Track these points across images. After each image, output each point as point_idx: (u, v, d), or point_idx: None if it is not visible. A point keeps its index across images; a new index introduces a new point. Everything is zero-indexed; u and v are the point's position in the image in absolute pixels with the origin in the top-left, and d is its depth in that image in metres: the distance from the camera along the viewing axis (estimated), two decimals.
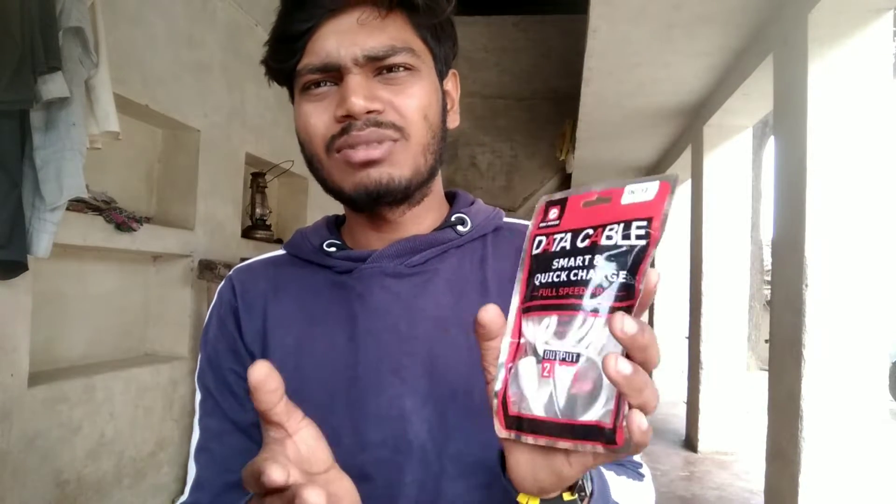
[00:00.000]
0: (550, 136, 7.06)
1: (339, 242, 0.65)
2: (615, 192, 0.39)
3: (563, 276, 0.38)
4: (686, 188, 5.42)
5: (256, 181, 3.69)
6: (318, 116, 0.57)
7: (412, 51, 0.57)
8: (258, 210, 3.70)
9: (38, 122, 1.97)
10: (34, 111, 1.94)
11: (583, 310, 0.36)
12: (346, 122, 0.55)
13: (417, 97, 0.57)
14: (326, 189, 0.61)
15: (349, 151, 0.56)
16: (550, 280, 0.39)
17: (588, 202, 0.40)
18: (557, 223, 0.41)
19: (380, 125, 0.56)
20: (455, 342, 0.58)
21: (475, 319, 0.40)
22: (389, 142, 0.56)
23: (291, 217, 4.25)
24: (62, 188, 1.96)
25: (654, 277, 0.35)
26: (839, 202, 2.32)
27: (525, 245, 0.42)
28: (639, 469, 0.60)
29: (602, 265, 0.36)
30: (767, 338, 2.92)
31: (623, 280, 0.35)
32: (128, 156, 2.89)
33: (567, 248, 0.39)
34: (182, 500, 0.61)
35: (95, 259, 2.73)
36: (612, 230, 0.37)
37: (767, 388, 2.80)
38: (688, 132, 4.76)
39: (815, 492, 2.34)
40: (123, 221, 2.52)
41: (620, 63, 3.57)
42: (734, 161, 4.24)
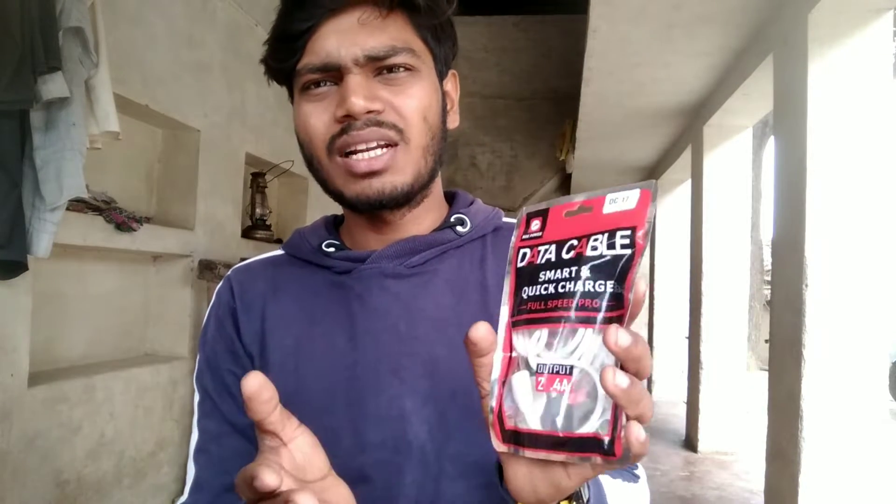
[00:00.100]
0: (550, 136, 7.06)
1: (338, 243, 0.64)
2: (596, 202, 0.39)
3: (551, 289, 0.38)
4: (686, 188, 5.42)
5: (256, 181, 3.69)
6: (318, 116, 0.57)
7: (412, 51, 0.57)
8: (258, 210, 3.70)
9: (38, 122, 1.97)
10: (34, 111, 1.94)
11: (573, 321, 0.36)
12: (346, 122, 0.55)
13: (417, 98, 0.57)
14: (326, 190, 0.61)
15: (351, 160, 0.56)
16: (538, 293, 0.39)
17: (569, 212, 0.40)
18: (540, 235, 0.41)
19: (380, 125, 0.55)
20: (455, 342, 0.58)
21: (466, 337, 0.40)
22: (390, 147, 0.56)
23: (291, 217, 4.25)
24: (62, 188, 1.96)
25: (643, 287, 0.35)
26: (839, 202, 2.32)
27: (510, 256, 0.42)
28: (634, 470, 0.60)
29: (589, 276, 0.36)
30: (767, 338, 2.91)
31: (612, 290, 0.35)
32: (128, 156, 2.89)
33: (552, 260, 0.39)
34: (182, 501, 0.61)
35: (95, 259, 2.73)
36: (597, 240, 0.37)
37: (767, 388, 2.80)
38: (688, 132, 4.76)
39: (815, 492, 2.34)
40: (123, 221, 2.52)
41: (620, 63, 3.57)
42: (734, 161, 4.24)
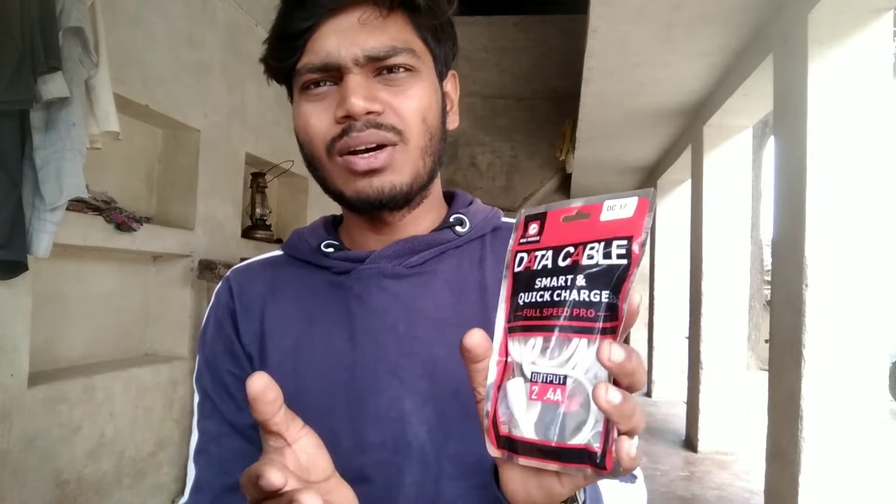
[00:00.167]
0: (550, 136, 7.06)
1: (337, 243, 0.64)
2: (594, 208, 0.39)
3: (547, 296, 0.38)
4: (686, 188, 5.42)
5: (256, 181, 3.69)
6: (318, 117, 0.57)
7: (413, 51, 0.57)
8: (258, 210, 3.70)
9: (38, 122, 1.97)
10: (34, 111, 1.94)
11: (567, 331, 0.36)
12: (346, 123, 0.55)
13: (417, 99, 0.57)
14: (326, 190, 0.61)
15: (351, 159, 0.56)
16: (534, 300, 0.38)
17: (567, 217, 0.40)
18: (538, 239, 0.41)
19: (379, 127, 0.55)
20: (454, 343, 0.58)
21: (460, 343, 0.40)
22: (389, 147, 0.56)
23: (291, 217, 4.25)
24: (62, 188, 1.96)
25: (637, 299, 0.35)
26: (839, 202, 2.32)
27: (507, 260, 0.42)
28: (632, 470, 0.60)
29: (584, 285, 0.36)
30: (767, 338, 2.91)
31: (607, 300, 0.35)
32: (128, 156, 2.89)
33: (549, 267, 0.39)
34: (182, 502, 0.61)
35: (95, 259, 2.73)
36: (593, 249, 0.37)
37: (767, 388, 2.80)
38: (688, 132, 4.76)
39: (815, 492, 2.34)
40: (123, 221, 2.52)
41: (620, 63, 3.57)
42: (734, 161, 4.24)
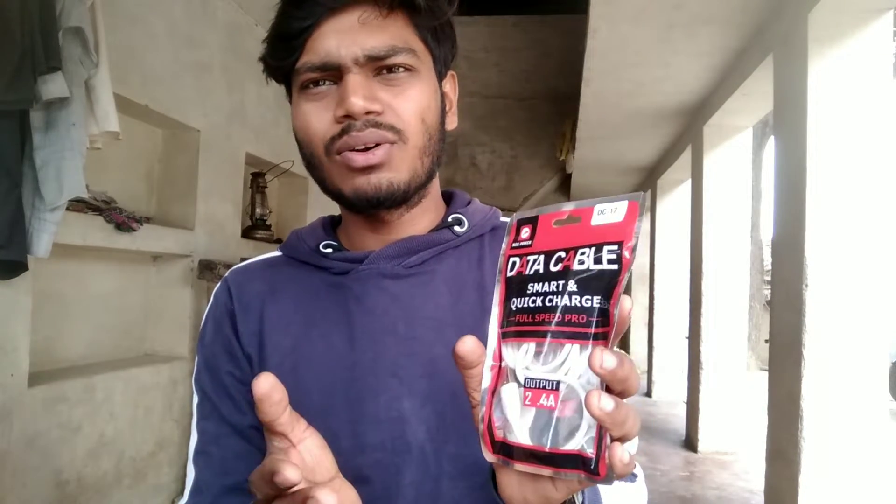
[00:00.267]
0: (550, 136, 7.06)
1: (336, 243, 0.64)
2: (585, 212, 0.39)
3: (539, 302, 0.38)
4: (686, 188, 5.42)
5: (256, 181, 3.69)
6: (318, 117, 0.57)
7: (412, 51, 0.57)
8: (258, 210, 3.70)
9: (38, 122, 1.97)
10: (34, 111, 1.94)
11: (560, 336, 0.36)
12: (346, 123, 0.55)
13: (416, 100, 0.57)
14: (324, 189, 0.61)
15: (349, 155, 0.56)
16: (526, 305, 0.39)
17: (559, 221, 0.40)
18: (530, 244, 0.41)
19: (379, 126, 0.55)
20: (453, 343, 0.58)
21: (453, 350, 0.40)
22: (387, 145, 0.56)
23: (291, 217, 4.25)
24: (62, 188, 1.96)
25: (628, 304, 0.35)
26: (839, 202, 2.32)
27: (500, 264, 0.42)
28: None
29: (576, 290, 0.36)
30: (767, 338, 2.91)
31: (598, 306, 0.35)
32: (128, 156, 2.89)
33: (541, 272, 0.39)
34: (182, 503, 0.61)
35: (95, 259, 2.73)
36: (584, 254, 0.37)
37: (767, 388, 2.79)
38: (688, 132, 4.76)
39: (815, 492, 2.34)
40: (123, 221, 2.52)
41: (620, 63, 3.57)
42: (734, 161, 4.23)
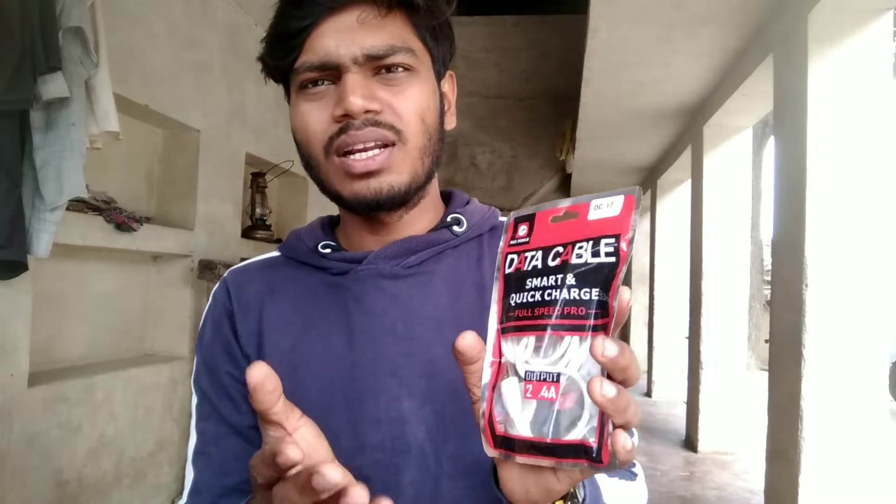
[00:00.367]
0: (550, 136, 7.06)
1: (334, 244, 0.64)
2: (581, 208, 0.39)
3: (538, 296, 0.38)
4: (686, 188, 5.42)
5: (256, 181, 3.69)
6: (316, 116, 0.57)
7: (411, 51, 0.57)
8: (258, 210, 3.70)
9: (38, 122, 1.97)
10: (34, 111, 1.94)
11: (559, 329, 0.37)
12: (344, 122, 0.55)
13: (415, 99, 0.57)
14: (323, 190, 0.61)
15: (348, 161, 0.56)
16: (525, 300, 0.39)
17: (556, 218, 0.41)
18: (527, 241, 0.41)
19: (378, 125, 0.55)
20: (452, 343, 0.58)
21: (453, 346, 0.40)
22: (387, 147, 0.56)
23: (291, 217, 4.25)
24: (62, 188, 1.96)
25: (626, 295, 0.35)
26: (839, 202, 2.32)
27: (498, 262, 0.43)
28: (632, 468, 0.60)
29: (574, 284, 0.37)
30: (767, 338, 2.91)
31: (597, 298, 0.36)
32: (128, 156, 2.89)
33: (539, 267, 0.39)
34: None
35: (95, 259, 2.73)
36: (582, 248, 0.38)
37: (767, 388, 2.79)
38: (688, 132, 4.76)
39: (815, 492, 2.34)
40: (123, 221, 2.52)
41: (620, 63, 3.57)
42: (734, 161, 4.23)
